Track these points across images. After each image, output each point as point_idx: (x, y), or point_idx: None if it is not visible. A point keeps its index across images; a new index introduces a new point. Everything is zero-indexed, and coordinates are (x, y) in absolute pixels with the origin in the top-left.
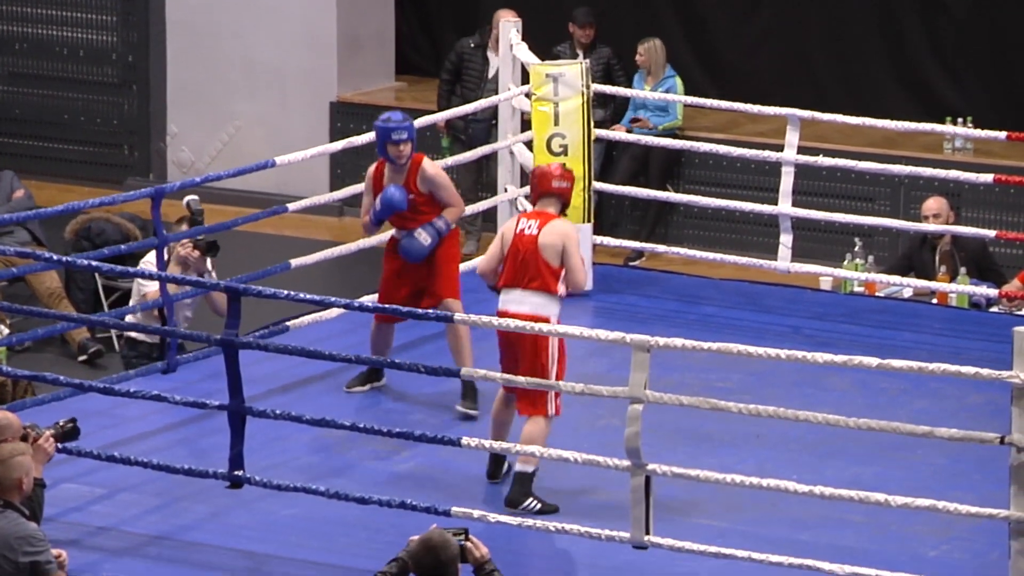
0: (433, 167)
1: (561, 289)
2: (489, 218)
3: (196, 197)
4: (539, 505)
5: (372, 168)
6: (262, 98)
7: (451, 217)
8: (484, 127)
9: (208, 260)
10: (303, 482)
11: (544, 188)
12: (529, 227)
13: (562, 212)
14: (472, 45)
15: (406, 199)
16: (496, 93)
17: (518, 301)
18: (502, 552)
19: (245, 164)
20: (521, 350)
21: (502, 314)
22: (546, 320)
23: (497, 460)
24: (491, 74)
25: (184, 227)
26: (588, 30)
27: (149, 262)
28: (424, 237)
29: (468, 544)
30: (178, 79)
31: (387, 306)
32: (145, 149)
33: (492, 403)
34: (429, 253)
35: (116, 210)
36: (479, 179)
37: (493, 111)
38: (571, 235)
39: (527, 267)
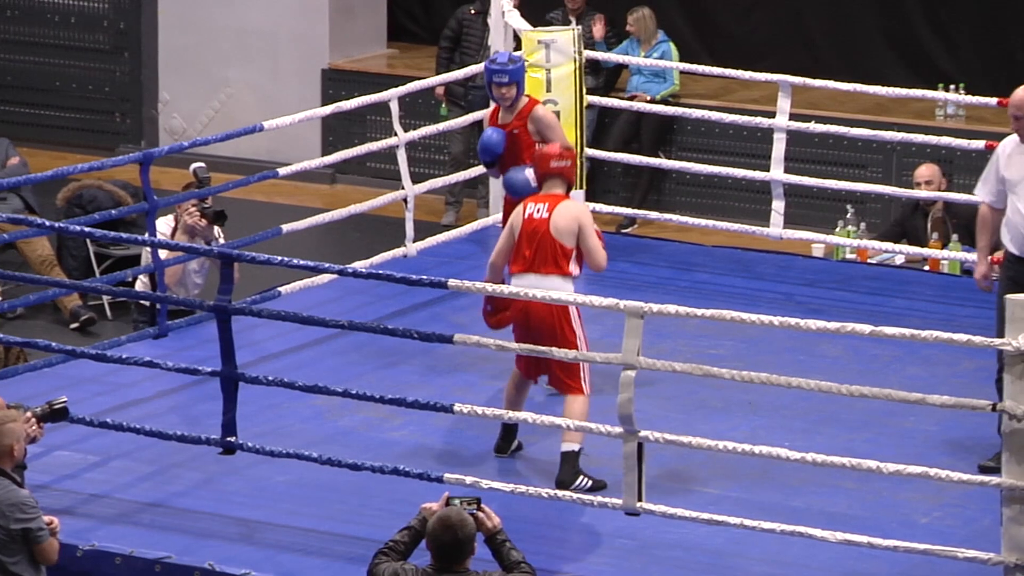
0: (545, 110)
1: (575, 270)
2: (471, 185)
3: (203, 164)
4: (590, 482)
5: (489, 111)
6: (254, 65)
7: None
8: (483, 93)
9: (216, 228)
10: (296, 448)
11: (544, 169)
12: (538, 210)
13: (567, 191)
14: (472, 12)
15: (503, 141)
16: None
17: (532, 285)
18: None
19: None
20: (545, 336)
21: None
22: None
23: (507, 436)
24: (491, 41)
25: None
26: None
27: (162, 232)
28: (531, 174)
29: (480, 514)
30: (170, 46)
31: (381, 272)
32: (137, 116)
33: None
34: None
35: (107, 177)
36: (470, 146)
37: None
38: (584, 216)
39: (541, 250)
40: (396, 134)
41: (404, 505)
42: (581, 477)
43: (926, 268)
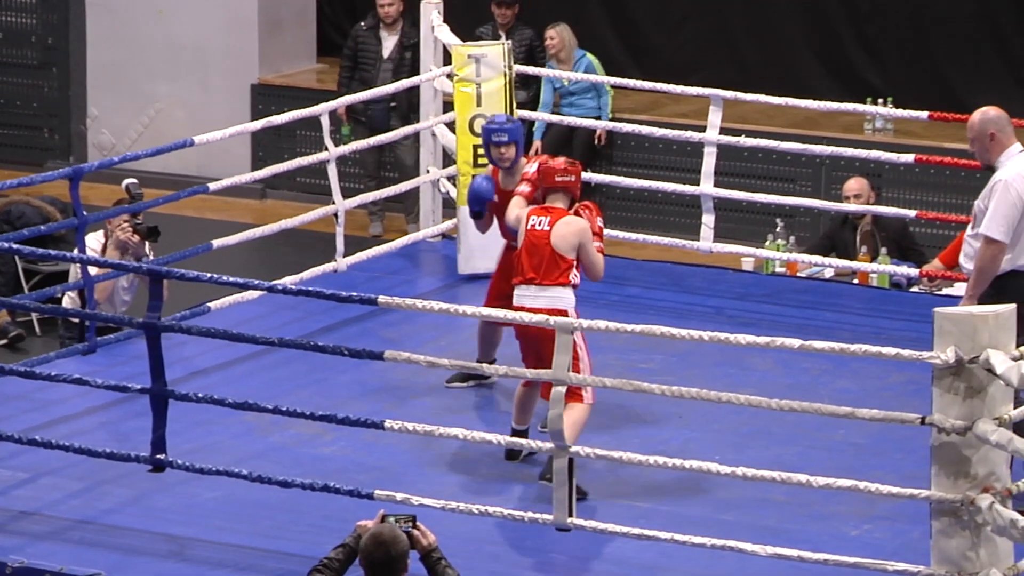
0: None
1: (575, 279)
2: (396, 200)
3: (135, 180)
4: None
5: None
6: (183, 80)
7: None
8: (383, 108)
9: (147, 244)
10: (226, 465)
11: (548, 183)
12: (540, 223)
13: (571, 206)
14: (364, 27)
15: (492, 189)
16: (392, 73)
17: (534, 296)
18: None
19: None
20: (544, 346)
21: (518, 310)
22: (563, 313)
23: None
24: (385, 54)
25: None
26: (509, 10)
27: (92, 248)
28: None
29: (416, 532)
30: (98, 61)
31: (311, 288)
32: (65, 132)
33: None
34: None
35: (36, 192)
36: (381, 159)
37: (390, 93)
38: (586, 231)
39: (541, 263)
40: (326, 148)
41: (335, 522)
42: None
43: (855, 281)
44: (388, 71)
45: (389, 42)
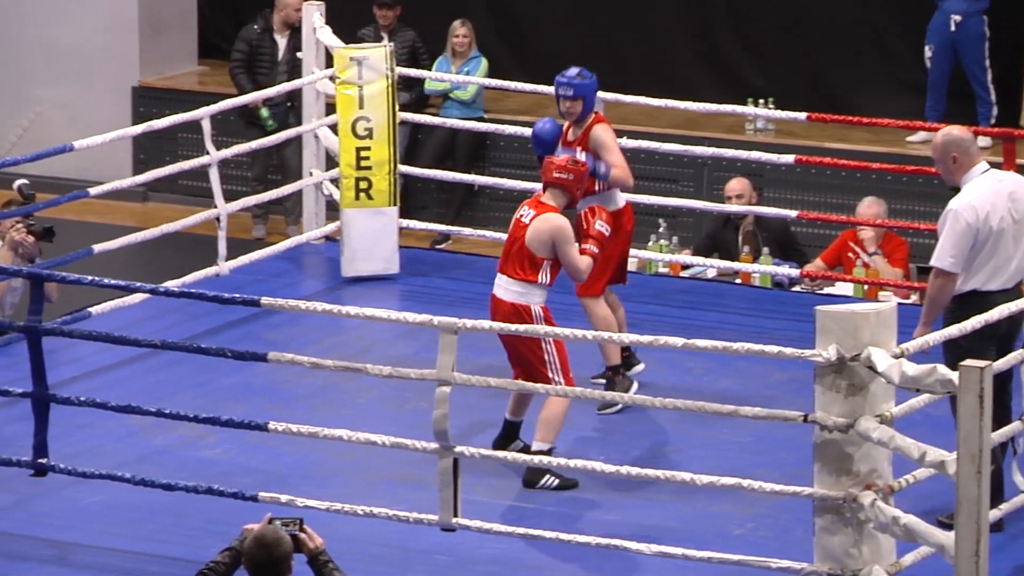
0: (604, 128)
1: (544, 277)
2: (278, 202)
3: (26, 181)
4: (556, 481)
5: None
6: (63, 83)
7: (614, 174)
8: (281, 111)
9: (40, 246)
10: (108, 469)
11: (546, 178)
12: (525, 215)
13: (569, 205)
14: (258, 30)
15: (555, 132)
16: (288, 76)
17: (504, 287)
18: None
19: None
20: (507, 340)
21: (492, 297)
22: (526, 308)
23: (507, 434)
24: (280, 57)
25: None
26: (391, 12)
27: None
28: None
29: (302, 535)
30: None
31: (194, 291)
32: None
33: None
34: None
35: None
36: (270, 162)
37: (288, 94)
38: (561, 230)
39: (515, 254)
40: (208, 152)
41: (220, 525)
42: (547, 476)
43: (738, 281)
44: (284, 74)
45: (283, 45)
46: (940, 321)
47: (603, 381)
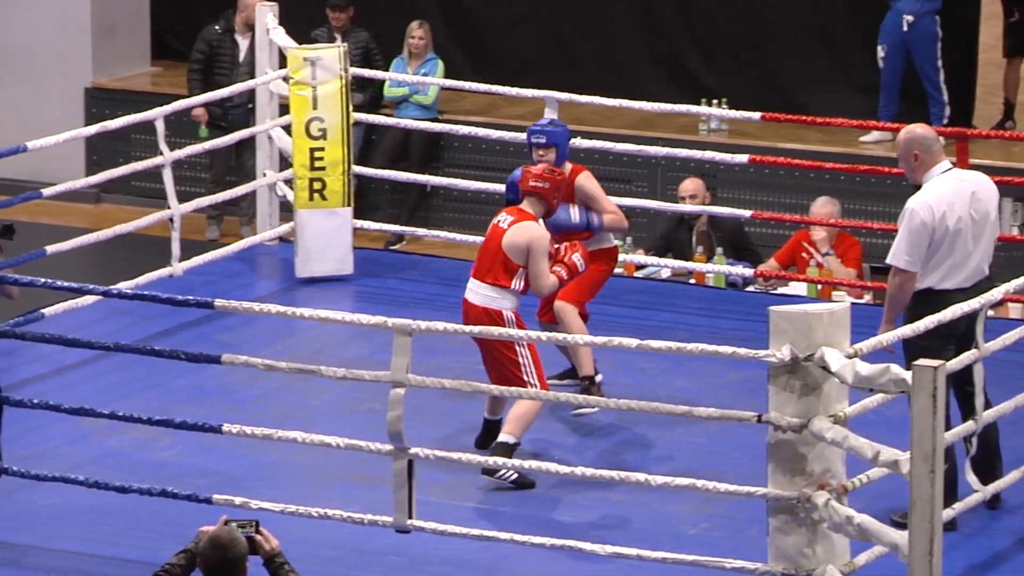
0: (587, 177)
1: (517, 284)
2: (233, 203)
3: None
4: (515, 475)
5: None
6: (15, 85)
7: (607, 220)
8: (242, 112)
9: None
10: (62, 471)
11: (524, 187)
12: (502, 220)
13: (547, 214)
14: (219, 31)
15: (571, 216)
16: (249, 77)
17: (475, 292)
18: None
19: None
20: (482, 343)
21: (464, 301)
22: (498, 313)
23: (488, 432)
24: (242, 58)
25: None
26: (343, 13)
27: None
28: (574, 212)
29: (258, 537)
30: None
31: (147, 293)
32: None
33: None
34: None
35: None
36: (229, 164)
37: (249, 95)
38: (538, 240)
39: (490, 260)
40: (161, 153)
41: (174, 527)
42: (507, 469)
43: (692, 281)
44: (245, 75)
45: (245, 45)
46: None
47: (563, 383)
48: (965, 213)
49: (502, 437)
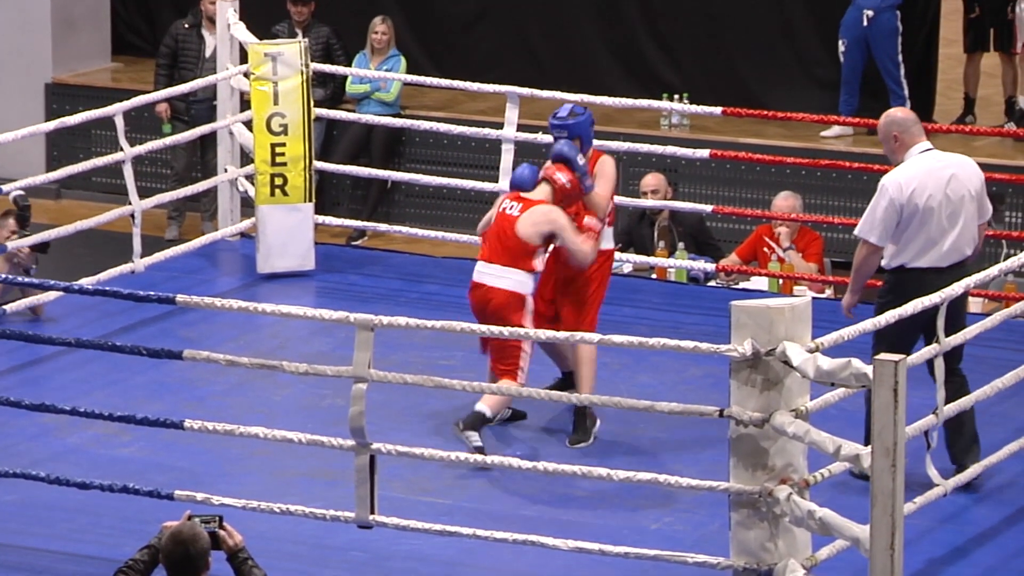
0: (610, 162)
1: (538, 265)
2: (194, 199)
3: (22, 192)
4: (479, 444)
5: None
6: None
7: (595, 195)
8: (206, 107)
9: (35, 256)
10: (22, 467)
11: (548, 174)
12: (511, 208)
13: (554, 202)
14: (186, 26)
15: (533, 179)
16: (215, 72)
17: (498, 276)
18: None
19: None
20: (497, 323)
21: (476, 285)
22: (522, 297)
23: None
24: (208, 53)
25: (11, 221)
26: (305, 8)
27: None
28: (581, 157)
29: (221, 532)
30: None
31: (108, 289)
32: None
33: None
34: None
35: None
36: (193, 160)
37: (213, 90)
38: (557, 219)
39: (506, 246)
40: (122, 149)
41: (135, 523)
42: (475, 435)
43: (653, 276)
44: (210, 71)
45: (212, 41)
46: (874, 308)
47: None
48: (939, 192)
49: (479, 407)
